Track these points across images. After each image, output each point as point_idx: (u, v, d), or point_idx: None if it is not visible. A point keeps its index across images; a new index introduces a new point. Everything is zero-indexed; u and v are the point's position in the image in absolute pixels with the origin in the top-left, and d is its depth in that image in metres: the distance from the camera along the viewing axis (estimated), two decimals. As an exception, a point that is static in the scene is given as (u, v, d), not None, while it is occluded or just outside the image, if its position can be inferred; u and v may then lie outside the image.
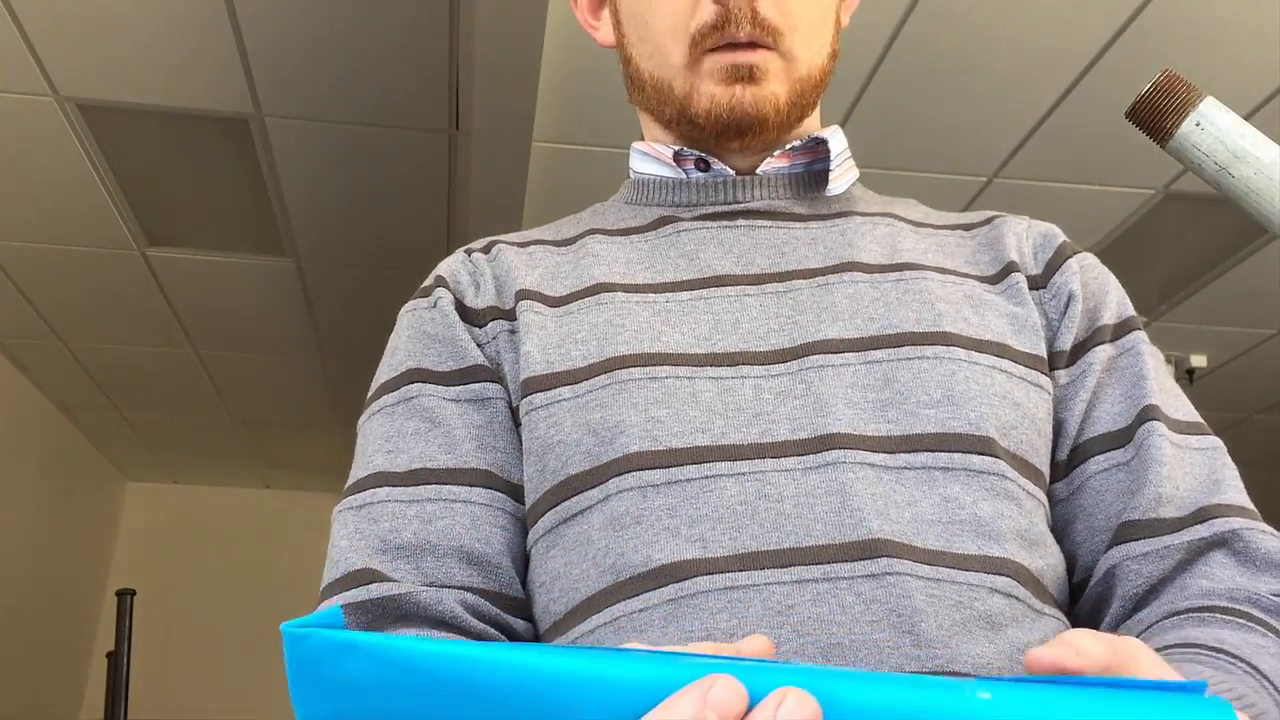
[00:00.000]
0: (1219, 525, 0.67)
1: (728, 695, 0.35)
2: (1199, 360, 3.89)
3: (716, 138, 0.79)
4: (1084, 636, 0.42)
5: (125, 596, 2.97)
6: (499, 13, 2.17)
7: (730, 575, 0.61)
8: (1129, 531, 0.68)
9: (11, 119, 2.74)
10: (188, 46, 2.49)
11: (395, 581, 0.67)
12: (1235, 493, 0.70)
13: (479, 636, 0.67)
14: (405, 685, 0.36)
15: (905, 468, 0.66)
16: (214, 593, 5.62)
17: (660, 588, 0.63)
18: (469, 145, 2.68)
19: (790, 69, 0.77)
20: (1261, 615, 0.62)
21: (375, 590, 0.66)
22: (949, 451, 0.66)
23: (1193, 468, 0.70)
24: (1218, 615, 0.62)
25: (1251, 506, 0.70)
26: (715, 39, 0.75)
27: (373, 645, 0.35)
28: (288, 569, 5.60)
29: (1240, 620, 0.62)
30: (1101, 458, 0.72)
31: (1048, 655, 0.40)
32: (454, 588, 0.67)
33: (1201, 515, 0.67)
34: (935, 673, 0.59)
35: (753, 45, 0.76)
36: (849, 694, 0.36)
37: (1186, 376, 3.91)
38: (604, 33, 0.88)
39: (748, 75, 0.76)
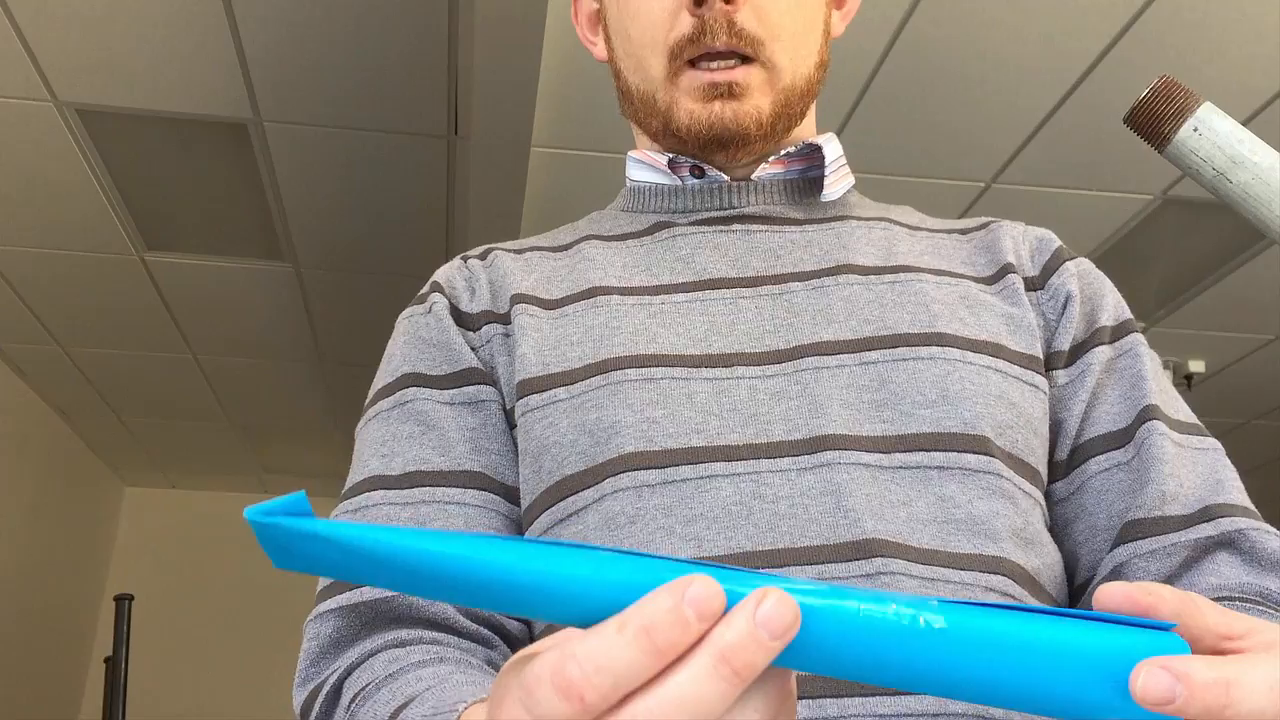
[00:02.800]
0: (1225, 525, 0.67)
1: (706, 593, 0.34)
2: (1197, 365, 3.89)
3: (700, 151, 0.79)
4: (1161, 585, 0.41)
5: (123, 601, 2.96)
6: (498, 19, 2.18)
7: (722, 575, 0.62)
8: (1134, 530, 0.68)
9: (10, 123, 2.74)
10: (187, 51, 2.49)
11: None
12: (1238, 493, 0.70)
13: (472, 637, 0.67)
14: (367, 570, 0.37)
15: (900, 467, 0.66)
16: (212, 597, 5.62)
17: None
18: (468, 151, 2.68)
19: (773, 79, 0.77)
20: (1275, 607, 0.63)
21: (368, 592, 0.67)
22: (944, 451, 0.67)
23: (1196, 466, 0.71)
24: (1236, 603, 0.63)
25: (1253, 507, 0.70)
26: (693, 50, 0.76)
27: (334, 534, 0.37)
28: (285, 574, 5.59)
29: (1260, 607, 0.62)
30: (1102, 458, 0.72)
31: (1120, 589, 0.40)
32: None
33: (1208, 514, 0.68)
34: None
35: (731, 56, 0.75)
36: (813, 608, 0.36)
37: (1185, 382, 3.91)
38: (600, 48, 0.88)
39: (726, 92, 0.76)
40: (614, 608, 0.35)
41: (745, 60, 0.76)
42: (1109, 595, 0.40)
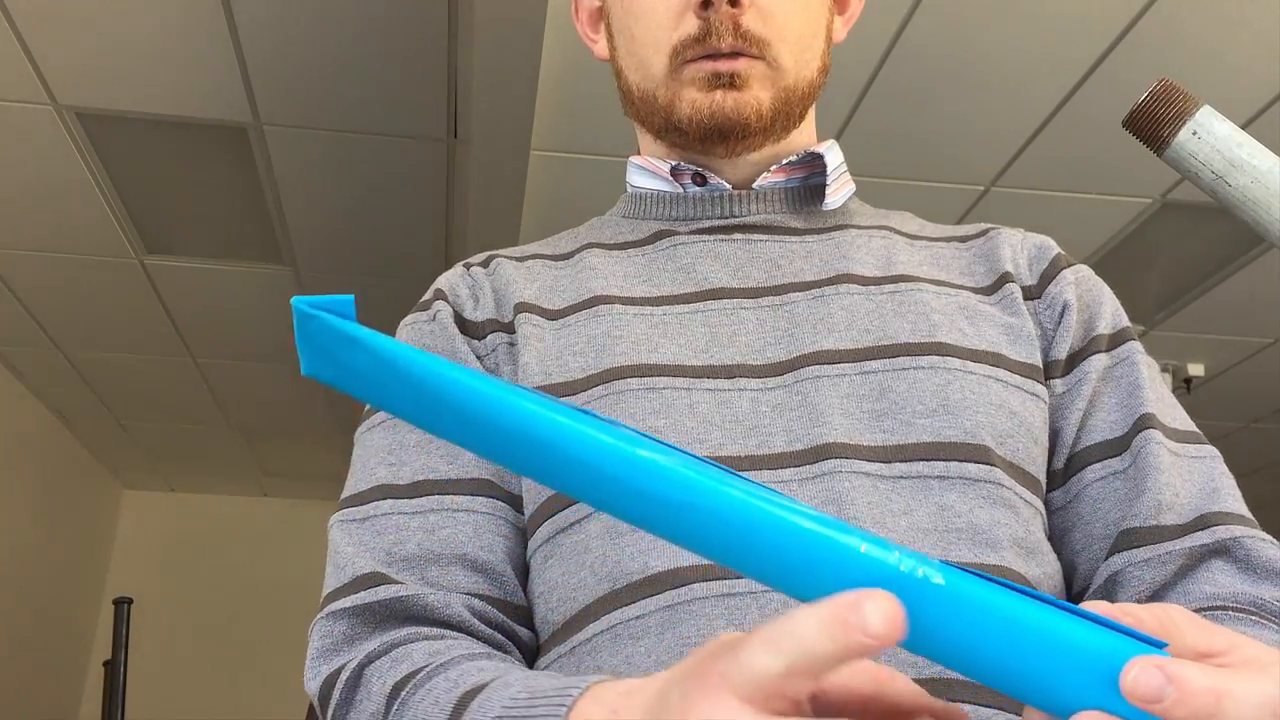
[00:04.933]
0: (1221, 533, 0.67)
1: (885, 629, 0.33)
2: (1196, 369, 3.89)
3: (701, 143, 0.79)
4: (1138, 606, 0.41)
5: (122, 605, 2.96)
6: (497, 21, 2.18)
7: (728, 582, 0.62)
8: (1130, 539, 0.68)
9: (10, 127, 2.74)
10: (186, 55, 2.49)
11: (402, 584, 0.67)
12: (1234, 501, 0.70)
13: (486, 641, 0.67)
14: (398, 391, 0.37)
15: (901, 477, 0.66)
16: (211, 601, 5.61)
17: (658, 594, 0.63)
18: (467, 154, 2.68)
19: (775, 76, 0.77)
20: (1269, 617, 0.62)
21: (383, 592, 0.66)
22: (945, 460, 0.67)
23: (1192, 475, 0.71)
24: (1230, 613, 0.63)
25: (1250, 515, 0.70)
26: (697, 51, 0.76)
27: (374, 343, 0.36)
28: (285, 577, 5.59)
29: (1254, 617, 0.62)
30: (1098, 466, 0.72)
31: (1099, 608, 0.40)
32: (461, 593, 0.68)
33: (1203, 522, 0.68)
34: (931, 680, 0.59)
35: (735, 55, 0.76)
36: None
37: (1184, 385, 3.91)
38: (600, 46, 0.88)
39: (729, 82, 0.76)
40: (640, 492, 0.36)
41: (749, 58, 0.76)
42: (1088, 610, 0.40)
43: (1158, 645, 0.36)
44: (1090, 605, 0.40)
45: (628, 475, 0.37)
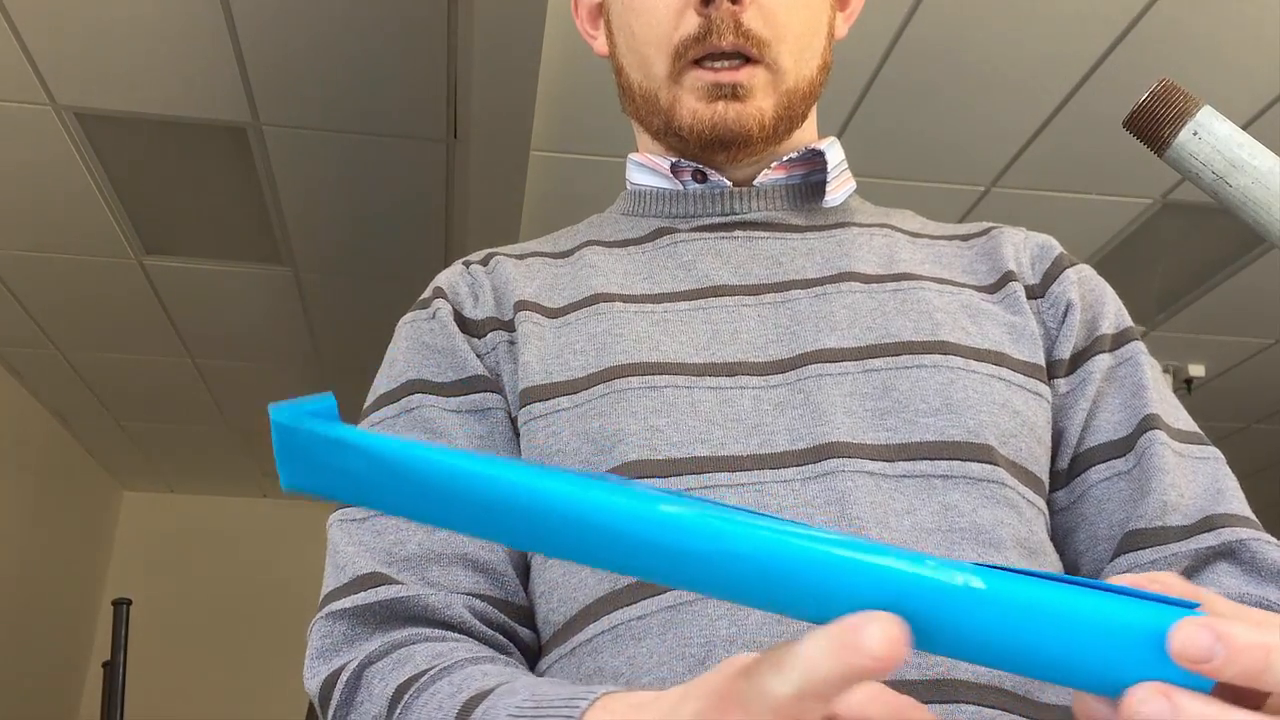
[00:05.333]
0: (1226, 535, 0.67)
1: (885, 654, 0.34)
2: (1197, 370, 3.89)
3: (701, 150, 0.79)
4: (1168, 574, 0.41)
5: (121, 606, 2.95)
6: (497, 21, 2.18)
7: None
8: (1135, 540, 0.68)
9: (9, 128, 2.74)
10: (186, 55, 2.49)
11: (403, 584, 0.66)
12: (1239, 503, 0.70)
13: (487, 642, 0.67)
14: (398, 490, 0.35)
15: (904, 476, 0.65)
16: (211, 602, 5.61)
17: (659, 594, 0.62)
18: (467, 154, 2.68)
19: (776, 81, 0.77)
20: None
21: (383, 592, 0.66)
22: (948, 459, 0.66)
23: (1196, 476, 0.71)
24: None
25: (1254, 517, 0.70)
26: (698, 50, 0.75)
27: (368, 445, 0.34)
28: (285, 578, 5.58)
29: None
30: (1103, 466, 0.72)
31: (1128, 579, 0.40)
32: (461, 594, 0.67)
33: (1208, 524, 0.67)
34: (935, 681, 0.58)
35: (736, 56, 0.75)
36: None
37: (1184, 386, 3.91)
38: (600, 42, 0.88)
39: (730, 93, 0.76)
40: (670, 554, 0.35)
41: (749, 61, 0.76)
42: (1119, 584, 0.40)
43: (1190, 607, 0.36)
44: (1116, 579, 0.40)
45: (654, 536, 0.36)
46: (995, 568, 0.36)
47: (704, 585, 0.37)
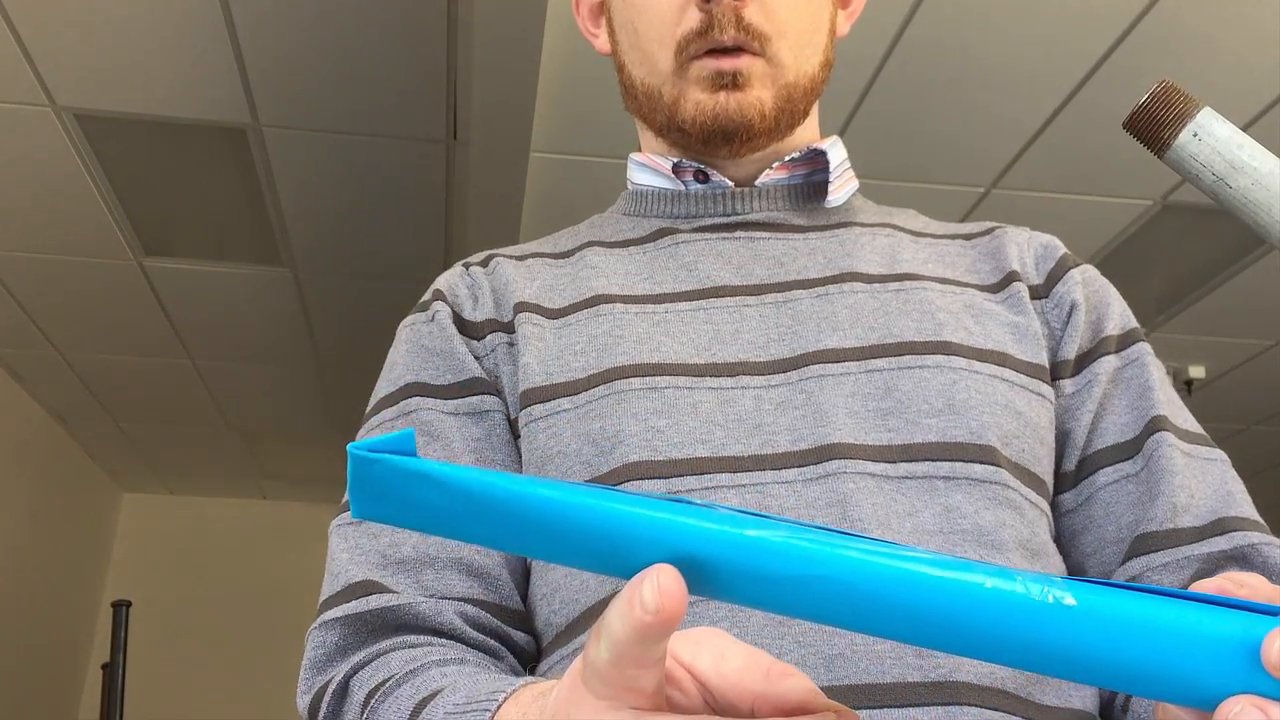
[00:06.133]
0: (1238, 539, 0.67)
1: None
2: (1197, 371, 3.89)
3: (704, 144, 0.78)
4: (1252, 575, 0.41)
5: (121, 608, 2.95)
6: (497, 23, 2.17)
7: None
8: (1147, 543, 0.68)
9: (9, 129, 2.74)
10: (185, 57, 2.49)
11: (395, 593, 0.67)
12: (1247, 506, 0.70)
13: (478, 647, 0.67)
14: (475, 518, 0.36)
15: (906, 477, 0.65)
16: (210, 604, 5.60)
17: None
18: (466, 155, 2.68)
19: (777, 74, 0.77)
20: None
21: (375, 601, 0.66)
22: (950, 460, 0.66)
23: (1206, 478, 0.70)
24: None
25: (1262, 520, 0.70)
26: (700, 44, 0.75)
27: (445, 476, 0.35)
28: (284, 580, 5.58)
29: None
30: (1111, 469, 0.72)
31: (1212, 584, 0.40)
32: (454, 599, 0.67)
33: (1220, 527, 0.67)
34: (936, 684, 0.58)
35: (738, 50, 0.75)
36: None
37: (1185, 387, 3.91)
38: (602, 41, 0.88)
39: (731, 82, 0.76)
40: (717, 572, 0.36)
41: (750, 54, 0.76)
42: (1201, 588, 0.40)
43: (1277, 612, 0.36)
44: (1199, 586, 0.40)
45: (742, 560, 0.36)
46: (1083, 581, 0.36)
47: (795, 608, 0.37)
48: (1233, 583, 0.40)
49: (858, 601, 0.36)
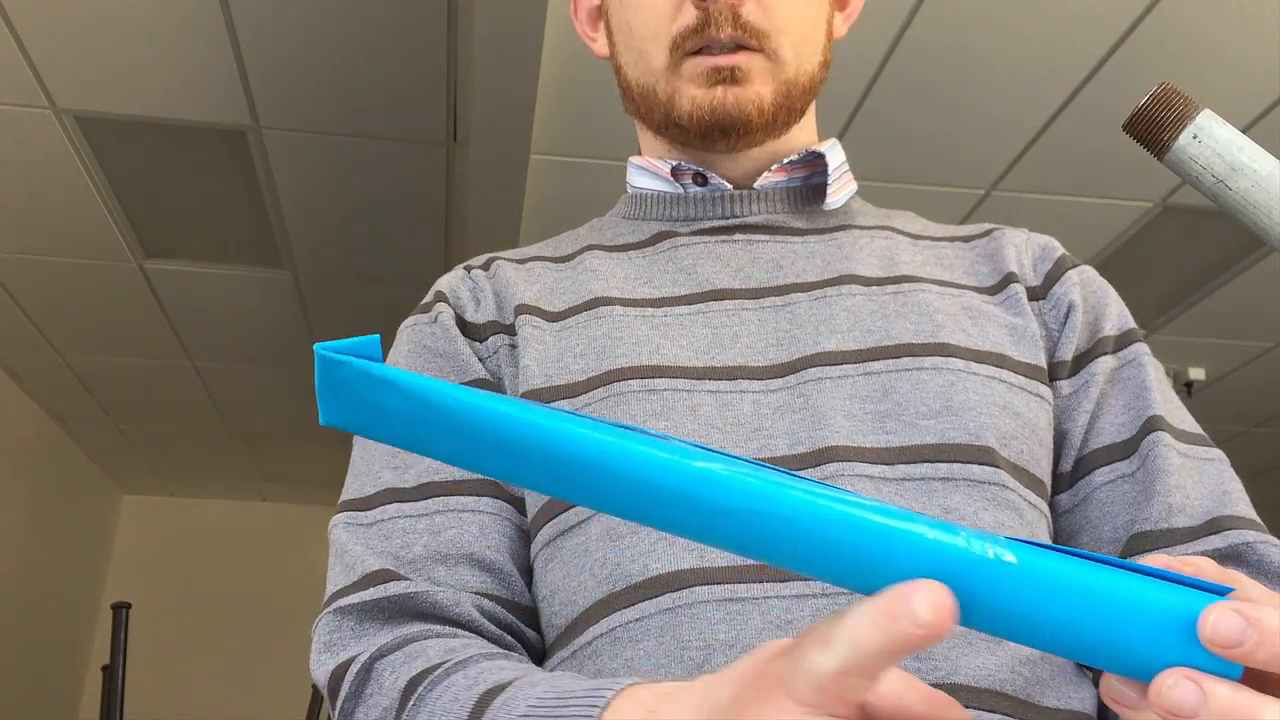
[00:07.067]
0: (1234, 537, 0.67)
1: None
2: (1197, 373, 3.89)
3: (702, 139, 0.78)
4: (1202, 559, 0.41)
5: (121, 610, 2.95)
6: (497, 25, 2.18)
7: (729, 587, 0.61)
8: (1142, 542, 0.68)
9: (9, 131, 2.74)
10: (186, 59, 2.49)
11: (411, 580, 0.66)
12: (1244, 505, 0.70)
13: (495, 641, 0.66)
14: (434, 429, 0.35)
15: (904, 479, 0.65)
16: (210, 605, 5.60)
17: (657, 597, 0.62)
18: (467, 158, 2.68)
19: (776, 70, 0.77)
20: None
21: (392, 588, 0.66)
22: (949, 462, 0.66)
23: (1202, 477, 0.70)
24: None
25: (1259, 519, 0.69)
26: (696, 41, 0.75)
27: (408, 384, 0.35)
28: (284, 581, 5.58)
29: None
30: (1107, 469, 0.72)
31: (1162, 560, 0.40)
32: (469, 593, 0.67)
33: (1215, 526, 0.67)
34: (937, 686, 0.58)
35: (736, 47, 0.75)
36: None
37: (1185, 389, 3.91)
38: (600, 44, 0.88)
39: (729, 77, 0.75)
40: (691, 500, 0.36)
41: (749, 51, 0.76)
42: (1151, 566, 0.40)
43: (1223, 592, 0.36)
44: (1149, 559, 0.39)
45: (687, 489, 0.36)
46: (1028, 543, 0.36)
47: (734, 543, 0.37)
48: (1180, 562, 0.40)
49: (797, 541, 0.36)
